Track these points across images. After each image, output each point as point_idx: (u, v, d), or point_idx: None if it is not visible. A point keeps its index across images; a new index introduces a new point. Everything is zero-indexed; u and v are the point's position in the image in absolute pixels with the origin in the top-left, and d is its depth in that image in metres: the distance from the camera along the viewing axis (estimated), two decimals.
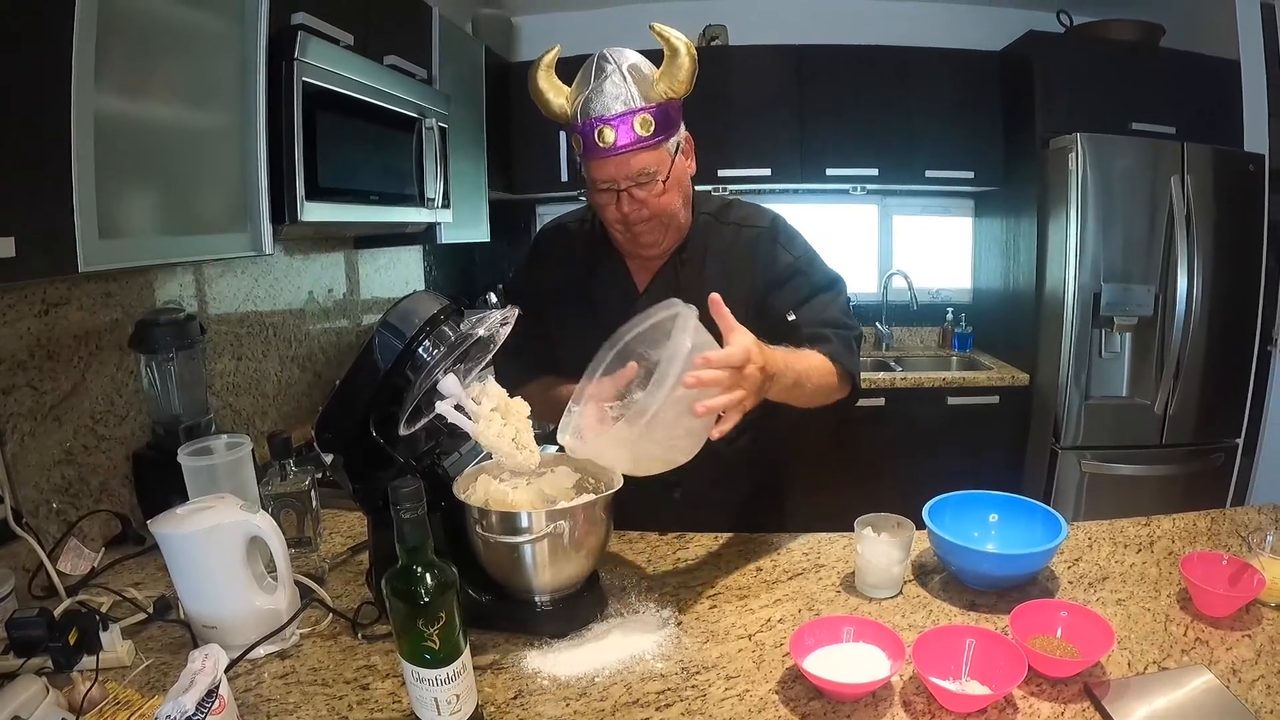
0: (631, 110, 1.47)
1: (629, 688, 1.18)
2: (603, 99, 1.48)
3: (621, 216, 1.58)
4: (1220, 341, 3.44)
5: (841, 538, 1.67)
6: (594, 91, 1.49)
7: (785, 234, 1.72)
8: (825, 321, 1.64)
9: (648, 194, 1.55)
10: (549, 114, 1.57)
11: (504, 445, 1.29)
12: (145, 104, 1.52)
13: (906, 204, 4.44)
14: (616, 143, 1.49)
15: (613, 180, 1.54)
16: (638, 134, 1.48)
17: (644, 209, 1.56)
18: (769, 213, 1.75)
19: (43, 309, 1.67)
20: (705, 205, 1.74)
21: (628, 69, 1.50)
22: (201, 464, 1.58)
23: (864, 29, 4.07)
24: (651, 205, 1.56)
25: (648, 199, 1.55)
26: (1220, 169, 3.35)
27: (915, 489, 1.69)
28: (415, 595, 1.00)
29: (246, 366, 2.42)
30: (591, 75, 1.50)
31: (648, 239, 1.63)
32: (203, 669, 1.00)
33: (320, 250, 2.89)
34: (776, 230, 1.72)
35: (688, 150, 1.62)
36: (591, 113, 1.49)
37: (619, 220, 1.59)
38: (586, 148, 1.52)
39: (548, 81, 1.56)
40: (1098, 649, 1.15)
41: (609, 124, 1.48)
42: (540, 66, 1.57)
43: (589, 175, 1.57)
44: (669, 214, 1.60)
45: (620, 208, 1.56)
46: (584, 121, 1.50)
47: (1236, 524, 1.70)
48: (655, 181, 1.54)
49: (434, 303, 1.28)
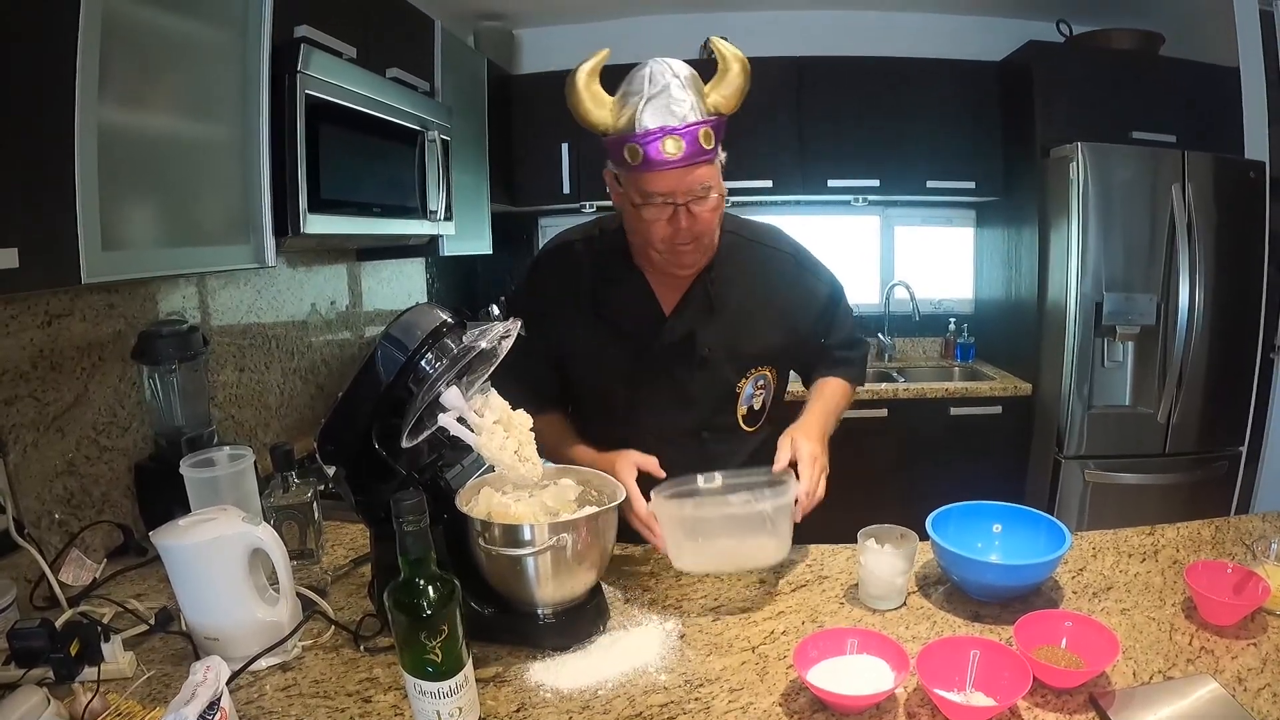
0: (698, 122, 1.41)
1: (632, 700, 1.18)
2: (666, 108, 1.40)
3: (672, 234, 1.50)
4: (1223, 350, 3.44)
5: (844, 549, 1.66)
6: (652, 101, 1.40)
7: (810, 262, 1.76)
8: (846, 342, 1.83)
9: (702, 209, 1.48)
10: (586, 122, 1.46)
11: (506, 458, 1.28)
12: (148, 116, 1.53)
13: (908, 215, 4.44)
14: (682, 153, 1.40)
15: (672, 194, 1.46)
16: (701, 146, 1.42)
17: (696, 225, 1.49)
18: (786, 237, 1.77)
19: (45, 320, 1.68)
20: (726, 223, 1.67)
21: (687, 78, 1.43)
22: (204, 475, 1.58)
23: (864, 40, 4.08)
24: (703, 221, 1.50)
25: (701, 214, 1.49)
26: (1221, 177, 3.35)
27: (918, 500, 1.69)
28: (418, 608, 1.00)
29: (249, 378, 2.42)
30: (645, 84, 1.42)
31: (689, 259, 1.57)
32: (204, 681, 0.99)
33: (323, 262, 2.90)
34: (802, 258, 1.75)
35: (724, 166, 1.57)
36: (651, 122, 1.40)
37: (665, 239, 1.52)
38: (646, 159, 1.41)
39: (590, 89, 1.45)
40: (1103, 659, 1.15)
41: (674, 135, 1.40)
42: (583, 72, 1.45)
43: (641, 189, 1.47)
44: (710, 235, 1.56)
45: (675, 223, 1.48)
46: (641, 132, 1.40)
47: (1241, 532, 1.69)
48: (710, 197, 1.48)
49: (436, 315, 1.28)
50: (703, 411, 1.71)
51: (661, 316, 1.67)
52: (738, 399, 1.71)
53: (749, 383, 1.71)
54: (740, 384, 1.70)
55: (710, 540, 1.48)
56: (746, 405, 1.73)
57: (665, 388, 1.68)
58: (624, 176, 1.49)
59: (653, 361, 1.67)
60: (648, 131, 1.39)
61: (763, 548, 1.48)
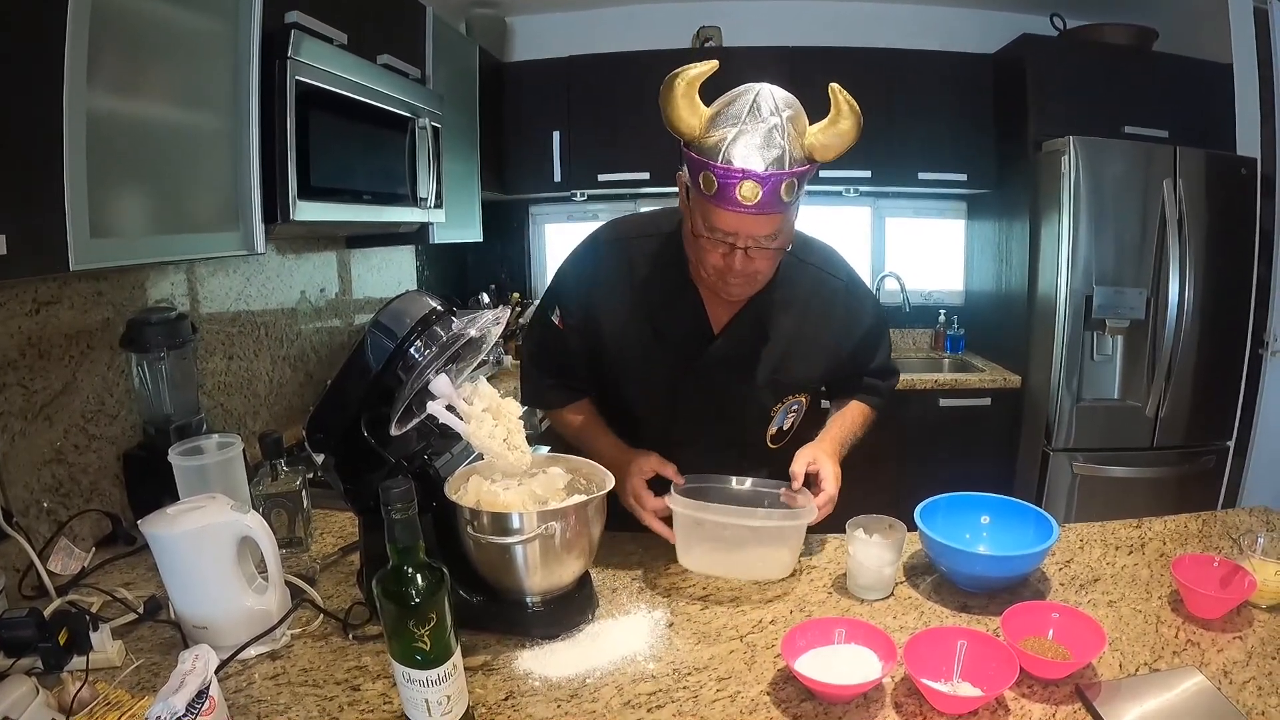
0: (784, 173, 1.31)
1: (620, 689, 1.18)
2: (754, 148, 1.30)
3: (724, 268, 1.44)
4: (1211, 344, 3.46)
5: (833, 539, 1.67)
6: (744, 134, 1.31)
7: (862, 290, 1.72)
8: (879, 370, 1.80)
9: (761, 255, 1.42)
10: (672, 127, 1.36)
11: (495, 446, 1.28)
12: (138, 103, 1.52)
13: (899, 206, 4.44)
14: (757, 201, 1.31)
15: (735, 235, 1.38)
16: (780, 197, 1.32)
17: (751, 266, 1.43)
18: (840, 262, 1.69)
19: (34, 308, 1.67)
20: None
21: (788, 120, 1.32)
22: (192, 464, 1.57)
23: (857, 31, 4.08)
24: (759, 265, 1.44)
25: (758, 259, 1.42)
26: (1212, 173, 3.36)
27: (907, 491, 1.69)
28: (406, 596, 1.00)
29: (238, 366, 2.42)
30: (744, 113, 1.32)
31: (737, 292, 1.52)
32: (193, 669, 0.99)
33: (312, 250, 2.88)
34: (855, 287, 1.70)
35: None
36: (736, 159, 1.30)
37: (717, 269, 1.46)
38: (720, 194, 1.33)
39: (688, 98, 1.34)
40: (1089, 651, 1.16)
41: (755, 180, 1.30)
42: (686, 79, 1.33)
43: (706, 218, 1.40)
44: (765, 275, 1.50)
45: (729, 260, 1.42)
46: (725, 165, 1.30)
47: (1227, 526, 1.71)
48: (773, 245, 1.42)
49: (426, 303, 1.27)
50: (734, 430, 1.71)
51: (710, 334, 1.62)
52: (770, 421, 1.71)
53: (784, 408, 1.71)
54: (775, 408, 1.70)
55: (721, 547, 1.50)
56: (777, 427, 1.73)
57: (701, 402, 1.66)
58: (695, 195, 1.41)
59: (694, 377, 1.64)
60: (731, 168, 1.30)
61: (772, 563, 1.52)
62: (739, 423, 1.70)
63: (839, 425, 1.73)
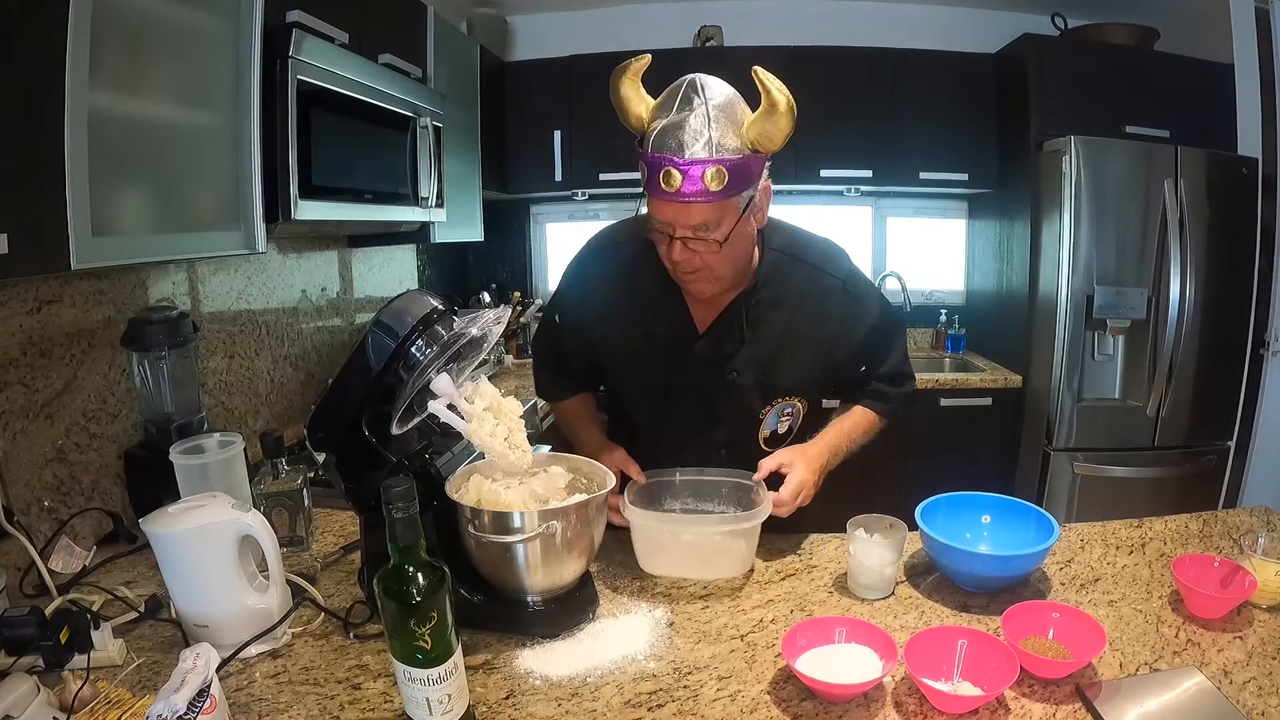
0: (705, 160, 1.32)
1: (621, 688, 1.18)
2: (678, 136, 1.32)
3: (671, 260, 1.47)
4: (1212, 344, 3.46)
5: (834, 538, 1.67)
6: (672, 124, 1.34)
7: (862, 289, 1.66)
8: (889, 374, 1.74)
9: (703, 248, 1.42)
10: (626, 122, 1.41)
11: (496, 445, 1.29)
12: (139, 101, 1.52)
13: (900, 206, 4.44)
14: (681, 190, 1.34)
15: (669, 225, 1.41)
16: (705, 186, 1.33)
17: (695, 259, 1.44)
18: (842, 260, 1.65)
19: (35, 306, 1.67)
20: (774, 238, 1.61)
21: (715, 108, 1.33)
22: (193, 462, 1.57)
23: (859, 31, 4.08)
24: (704, 259, 1.44)
25: (701, 252, 1.43)
26: (1214, 173, 3.36)
27: (908, 490, 1.69)
28: (407, 595, 1.00)
29: (239, 365, 2.42)
30: (675, 103, 1.35)
31: (695, 288, 1.54)
32: (194, 668, 0.99)
33: (314, 249, 2.88)
34: (855, 285, 1.64)
35: (763, 202, 1.48)
36: (663, 148, 1.33)
37: (668, 261, 1.49)
38: (649, 182, 1.38)
39: (633, 89, 1.40)
40: (1090, 650, 1.16)
41: (678, 167, 1.32)
42: (627, 72, 1.39)
43: (649, 208, 1.44)
44: (721, 270, 1.49)
45: (672, 252, 1.44)
46: (653, 154, 1.35)
47: (1228, 526, 1.70)
48: (709, 238, 1.41)
49: (427, 302, 1.28)
50: (724, 431, 1.69)
51: (695, 334, 1.63)
52: (760, 424, 1.69)
53: (773, 410, 1.67)
54: (764, 411, 1.67)
55: (677, 552, 1.52)
56: (770, 429, 1.70)
57: (690, 404, 1.67)
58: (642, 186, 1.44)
59: (681, 377, 1.65)
60: (655, 155, 1.34)
61: (727, 565, 1.53)
62: (728, 425, 1.69)
63: (835, 431, 1.69)
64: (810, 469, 1.57)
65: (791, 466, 1.55)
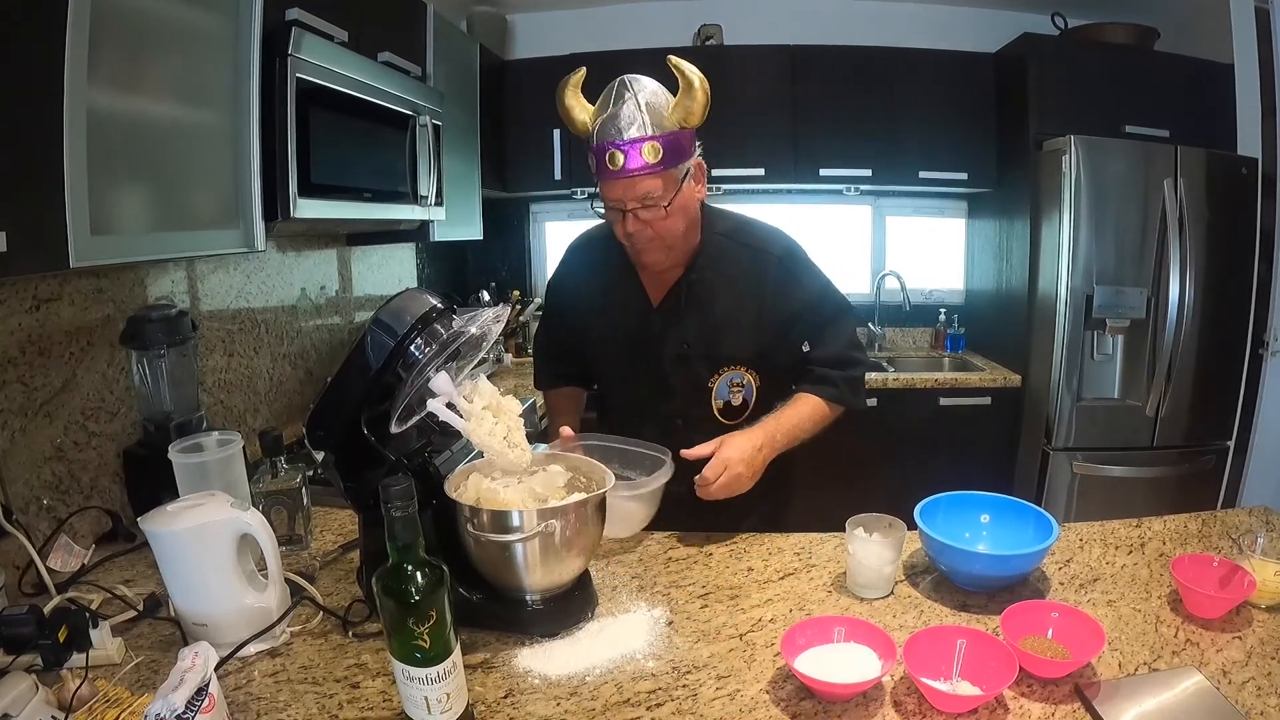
0: (641, 138, 1.56)
1: (620, 687, 1.18)
2: (616, 124, 1.57)
3: (626, 234, 1.67)
4: (1212, 344, 3.46)
5: (833, 538, 1.67)
6: (610, 116, 1.58)
7: (799, 265, 1.80)
8: (833, 358, 1.81)
9: (652, 216, 1.63)
10: (573, 129, 1.66)
11: (495, 443, 1.29)
12: (138, 99, 1.52)
13: (900, 205, 4.44)
14: (625, 166, 1.57)
15: (620, 200, 1.63)
16: (645, 160, 1.57)
17: (648, 229, 1.65)
18: (783, 240, 1.82)
19: (34, 305, 1.67)
20: (718, 224, 1.81)
21: (643, 98, 1.57)
22: (192, 461, 1.57)
23: (858, 30, 4.07)
24: (656, 227, 1.65)
25: (652, 221, 1.64)
26: (1213, 172, 3.36)
27: (907, 489, 1.69)
28: (406, 593, 1.00)
29: (238, 363, 2.42)
30: (610, 100, 1.59)
31: (649, 258, 1.73)
32: (192, 667, 0.99)
33: (313, 247, 2.88)
34: (792, 260, 1.80)
35: (698, 176, 1.71)
36: (605, 136, 1.58)
37: (625, 237, 1.68)
38: (598, 168, 1.61)
39: (574, 99, 1.65)
40: (1089, 650, 1.16)
41: (619, 148, 1.57)
42: (568, 85, 1.65)
43: (601, 193, 1.66)
44: (672, 236, 1.68)
45: (625, 226, 1.65)
46: (598, 143, 1.60)
47: (1227, 526, 1.70)
48: (659, 206, 1.62)
49: (426, 300, 1.28)
50: (678, 402, 1.84)
51: (649, 310, 1.82)
52: (711, 393, 1.82)
53: (721, 380, 1.81)
54: (712, 380, 1.81)
55: None
56: (722, 400, 1.82)
57: (647, 377, 1.84)
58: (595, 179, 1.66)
59: (638, 351, 1.84)
60: (601, 144, 1.59)
61: (623, 527, 1.65)
62: (681, 396, 1.83)
63: (774, 419, 1.75)
64: (739, 451, 1.63)
65: (723, 445, 1.64)
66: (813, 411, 1.78)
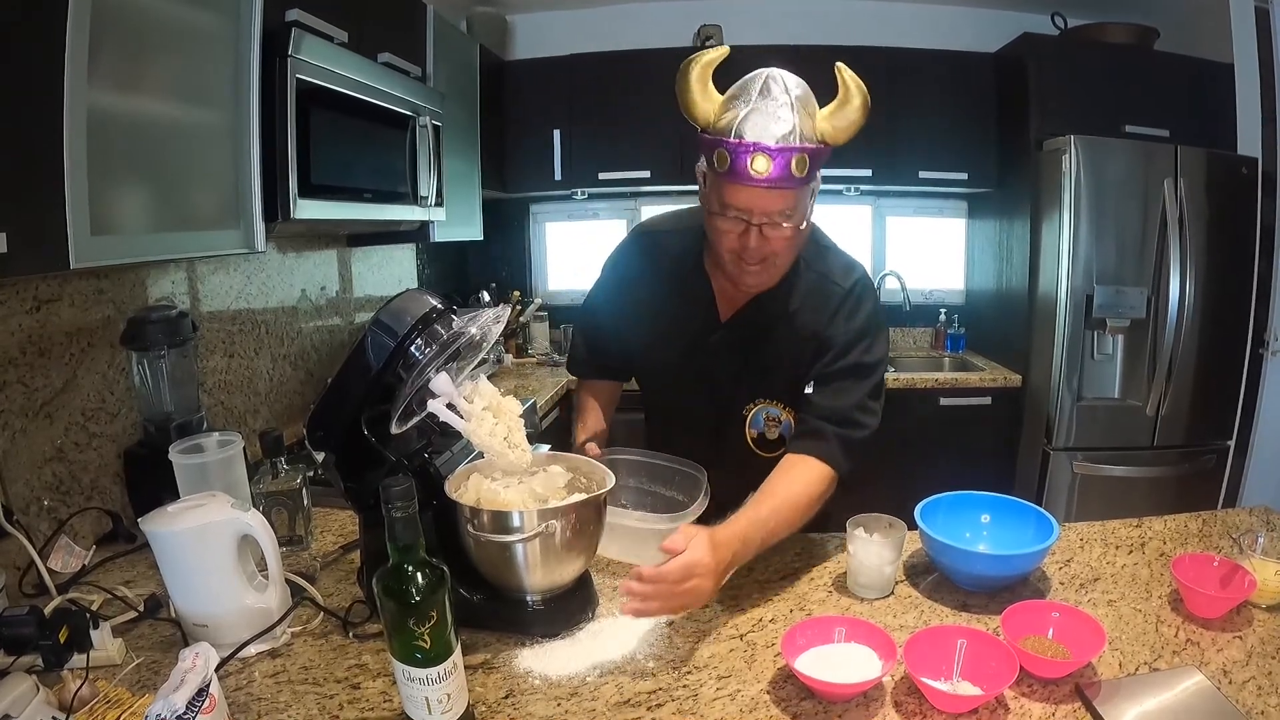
0: (794, 146, 1.35)
1: (620, 687, 1.18)
2: (766, 123, 1.35)
3: (740, 248, 1.47)
4: (1212, 344, 3.46)
5: (833, 538, 1.67)
6: (755, 111, 1.35)
7: (854, 303, 1.60)
8: (834, 412, 1.55)
9: (776, 234, 1.44)
10: (689, 111, 1.41)
11: (495, 444, 1.29)
12: (138, 100, 1.51)
13: (900, 205, 4.44)
14: (769, 175, 1.35)
15: (749, 211, 1.42)
16: (792, 172, 1.36)
17: (766, 247, 1.46)
18: (855, 274, 1.64)
19: (34, 305, 1.67)
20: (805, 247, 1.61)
21: (797, 99, 1.37)
22: (193, 462, 1.57)
23: (858, 30, 4.08)
24: (775, 246, 1.46)
25: (774, 239, 1.45)
26: (1213, 172, 3.36)
27: (907, 489, 1.69)
28: (406, 594, 1.00)
29: (238, 364, 2.42)
30: (754, 93, 1.37)
31: (753, 279, 1.54)
32: (193, 667, 0.99)
33: (313, 248, 2.88)
34: (849, 297, 1.60)
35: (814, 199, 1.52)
36: (748, 134, 1.34)
37: (733, 251, 1.49)
38: (732, 169, 1.37)
39: (702, 83, 1.40)
40: (1089, 650, 1.16)
41: (766, 153, 1.34)
42: (699, 63, 1.40)
43: (721, 196, 1.43)
44: (785, 258, 1.52)
45: (744, 240, 1.45)
46: (737, 140, 1.35)
47: (1228, 526, 1.71)
48: (785, 225, 1.44)
49: (426, 301, 1.27)
50: (719, 423, 1.72)
51: (717, 325, 1.66)
52: (745, 422, 1.70)
53: (756, 410, 1.69)
54: (747, 408, 1.69)
55: None
56: (757, 431, 1.70)
57: (698, 390, 1.72)
58: (710, 177, 1.45)
59: (694, 364, 1.69)
60: (741, 142, 1.35)
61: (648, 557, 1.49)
62: (721, 418, 1.72)
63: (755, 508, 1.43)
64: (713, 551, 1.27)
65: (691, 549, 1.25)
66: (806, 497, 1.48)
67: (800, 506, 1.46)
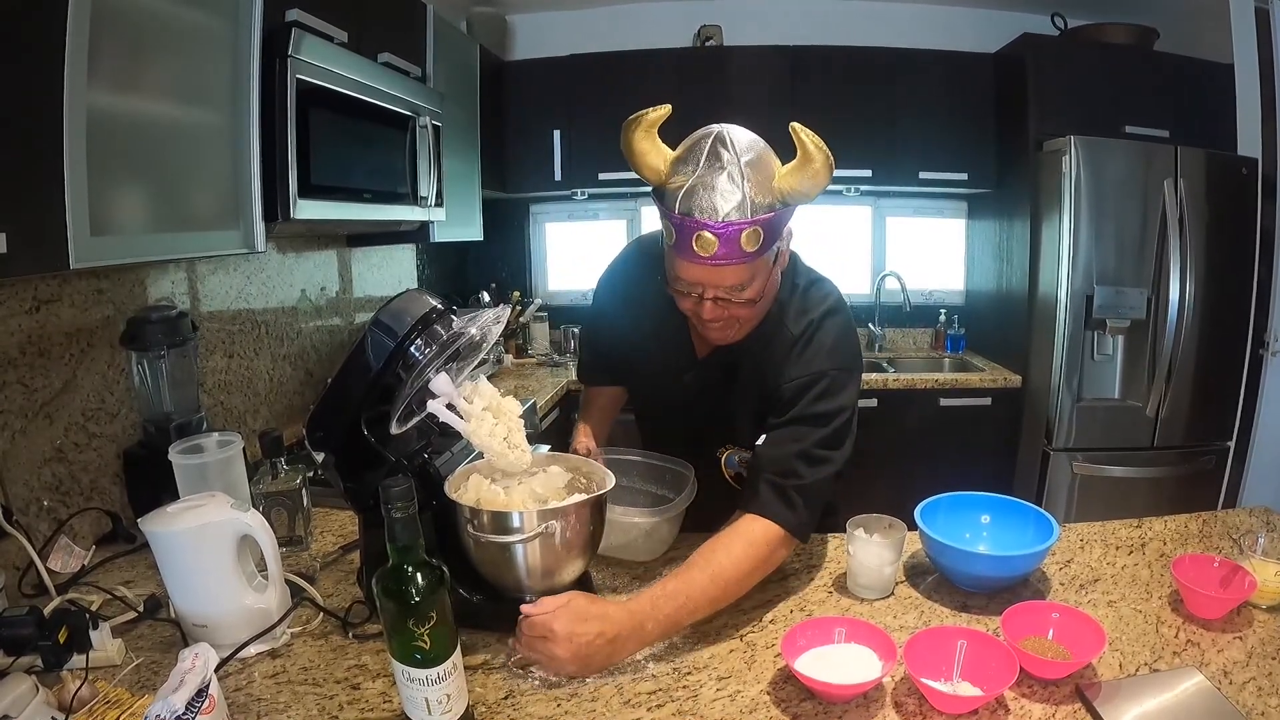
0: (741, 222, 1.26)
1: (620, 688, 1.18)
2: (710, 197, 1.25)
3: (696, 314, 1.43)
4: (1212, 344, 3.46)
5: (833, 538, 1.67)
6: (700, 182, 1.26)
7: (804, 347, 1.46)
8: (772, 463, 1.42)
9: (731, 305, 1.38)
10: (643, 176, 1.34)
11: (495, 444, 1.28)
12: (138, 100, 1.51)
13: (900, 205, 4.44)
14: (715, 254, 1.27)
15: (698, 285, 1.36)
16: (741, 248, 1.27)
17: (725, 312, 1.39)
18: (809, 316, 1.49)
19: (34, 306, 1.66)
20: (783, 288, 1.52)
21: (747, 164, 1.28)
22: (192, 462, 1.57)
23: (858, 30, 4.08)
24: (734, 312, 1.40)
25: (730, 308, 1.38)
26: (1213, 172, 3.36)
27: (907, 490, 1.69)
28: (406, 595, 1.00)
29: (238, 364, 2.41)
30: (702, 158, 1.27)
31: (716, 336, 1.47)
32: (192, 668, 0.99)
33: (313, 248, 2.88)
34: (798, 343, 1.47)
35: (785, 249, 1.44)
36: (693, 209, 1.26)
37: (692, 314, 1.45)
38: (678, 244, 1.30)
39: (648, 141, 1.32)
40: (1089, 651, 1.16)
41: (711, 230, 1.25)
42: (642, 124, 1.32)
43: (671, 267, 1.37)
44: (747, 320, 1.45)
45: (699, 310, 1.40)
46: (680, 215, 1.27)
47: (1228, 526, 1.70)
48: (743, 294, 1.36)
49: (426, 301, 1.27)
50: (696, 458, 1.68)
51: (693, 360, 1.63)
52: (720, 462, 1.67)
53: (729, 454, 1.66)
54: (720, 451, 1.67)
55: None
56: (733, 470, 1.66)
57: (676, 426, 1.74)
58: (664, 242, 1.37)
59: (675, 398, 1.68)
60: (685, 219, 1.27)
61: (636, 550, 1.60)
62: (698, 452, 1.69)
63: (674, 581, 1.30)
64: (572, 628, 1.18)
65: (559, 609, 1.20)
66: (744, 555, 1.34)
67: (729, 578, 1.32)
